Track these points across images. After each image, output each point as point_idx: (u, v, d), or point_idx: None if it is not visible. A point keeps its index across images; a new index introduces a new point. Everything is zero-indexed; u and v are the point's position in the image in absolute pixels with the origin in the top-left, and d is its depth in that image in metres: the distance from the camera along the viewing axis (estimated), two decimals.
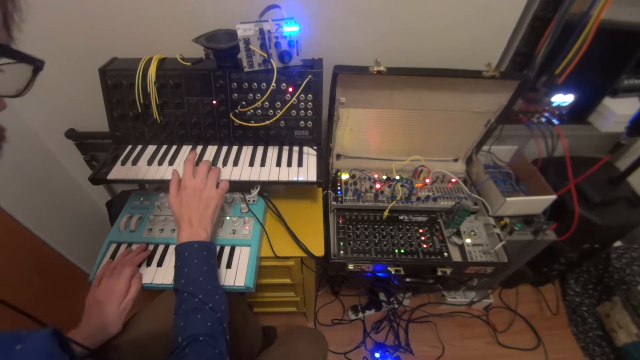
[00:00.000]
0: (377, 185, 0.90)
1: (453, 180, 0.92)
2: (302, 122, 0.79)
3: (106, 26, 0.78)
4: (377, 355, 1.17)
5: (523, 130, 0.95)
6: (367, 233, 0.85)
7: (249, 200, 0.79)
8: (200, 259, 0.59)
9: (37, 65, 0.31)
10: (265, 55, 0.68)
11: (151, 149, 0.79)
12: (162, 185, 0.90)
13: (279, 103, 0.76)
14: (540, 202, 0.91)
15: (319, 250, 0.75)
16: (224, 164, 0.76)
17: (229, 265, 0.71)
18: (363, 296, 1.34)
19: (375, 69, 0.71)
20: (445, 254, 0.81)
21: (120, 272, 0.65)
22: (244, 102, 0.76)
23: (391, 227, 0.86)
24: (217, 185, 0.68)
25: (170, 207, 0.65)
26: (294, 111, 0.78)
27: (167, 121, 0.78)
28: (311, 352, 0.72)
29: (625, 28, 0.82)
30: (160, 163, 0.76)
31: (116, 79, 0.73)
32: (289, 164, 0.77)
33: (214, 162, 0.77)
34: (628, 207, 1.02)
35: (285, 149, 0.81)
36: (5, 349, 0.26)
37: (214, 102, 0.76)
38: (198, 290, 0.55)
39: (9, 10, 0.28)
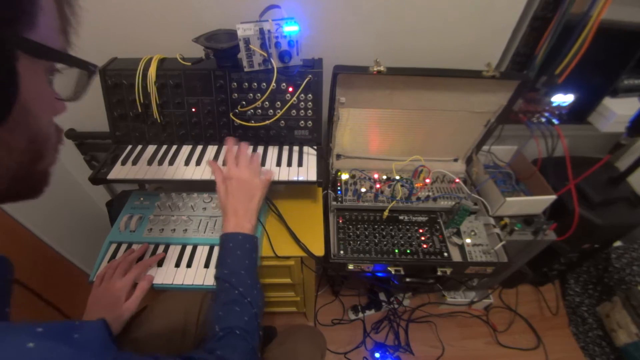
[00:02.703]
0: (377, 185, 0.90)
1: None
2: (302, 122, 0.79)
3: (106, 26, 0.78)
4: (377, 355, 1.17)
5: (523, 130, 0.95)
6: (367, 233, 0.85)
7: None
8: (244, 252, 0.61)
9: (91, 70, 0.32)
10: (265, 55, 0.68)
11: (151, 149, 0.79)
12: (162, 185, 0.90)
13: (279, 103, 0.76)
14: (540, 202, 0.91)
15: (319, 250, 0.75)
16: (224, 164, 0.76)
17: None
18: (363, 296, 1.34)
19: (375, 69, 0.71)
20: (445, 254, 0.81)
21: (122, 272, 0.65)
22: (244, 102, 0.76)
23: (391, 227, 0.86)
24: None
25: (218, 196, 0.68)
26: (294, 111, 0.78)
27: (167, 121, 0.78)
28: (310, 350, 0.72)
29: (625, 28, 0.82)
30: (160, 163, 0.76)
31: (116, 79, 0.73)
32: (289, 164, 0.77)
33: None
34: (628, 207, 1.02)
35: (285, 148, 0.81)
36: (64, 337, 0.27)
37: (214, 102, 0.76)
38: (239, 283, 0.57)
39: (66, 14, 0.28)
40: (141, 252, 0.70)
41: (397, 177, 0.92)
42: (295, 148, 0.82)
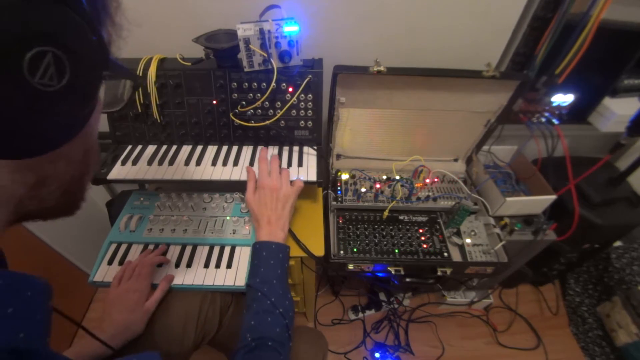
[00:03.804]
0: (377, 185, 0.90)
1: (435, 179, 0.92)
2: (302, 122, 0.79)
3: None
4: (377, 355, 1.17)
5: (523, 130, 0.95)
6: (367, 233, 0.85)
7: None
8: (277, 261, 0.61)
9: (137, 83, 0.33)
10: (265, 55, 0.68)
11: (151, 149, 0.79)
12: (162, 185, 0.90)
13: (279, 103, 0.76)
14: (540, 202, 0.91)
15: (319, 250, 0.75)
16: (224, 164, 0.76)
17: (229, 265, 0.71)
18: (363, 296, 1.34)
19: (375, 69, 0.71)
20: (445, 254, 0.81)
21: (141, 272, 0.65)
22: (244, 102, 0.76)
23: (391, 227, 0.86)
24: (292, 183, 0.71)
25: (248, 205, 0.69)
26: (294, 111, 0.78)
27: (167, 121, 0.78)
28: (311, 352, 0.72)
29: (625, 28, 0.82)
30: (160, 163, 0.76)
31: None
32: (289, 164, 0.77)
33: (214, 162, 0.77)
34: (628, 207, 1.02)
35: (285, 148, 0.81)
36: None
37: (214, 102, 0.76)
38: (271, 292, 0.57)
39: (114, 24, 0.28)
40: (158, 253, 0.70)
41: (397, 177, 0.92)
42: (295, 148, 0.82)
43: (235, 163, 0.77)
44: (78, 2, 0.22)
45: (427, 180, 0.91)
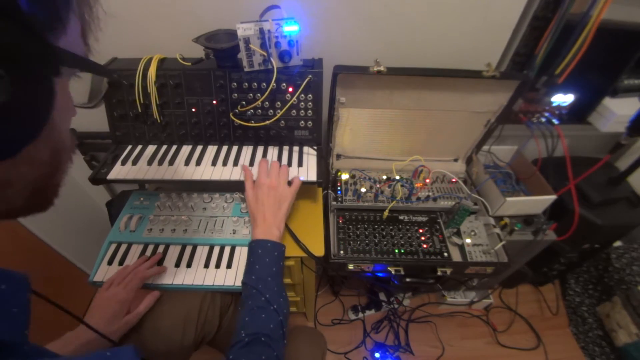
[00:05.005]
0: (377, 185, 0.90)
1: (453, 179, 0.92)
2: (302, 122, 0.79)
3: (106, 26, 0.78)
4: (377, 355, 1.17)
5: (523, 130, 0.95)
6: (367, 233, 0.85)
7: None
8: (272, 259, 0.62)
9: (113, 78, 0.32)
10: (265, 55, 0.68)
11: (151, 149, 0.79)
12: (162, 185, 0.90)
13: (279, 103, 0.76)
14: (540, 202, 0.91)
15: (319, 250, 0.75)
16: (224, 163, 0.76)
17: (229, 265, 0.71)
18: (363, 296, 1.34)
19: (375, 69, 0.71)
20: (445, 254, 0.81)
21: (130, 282, 0.64)
22: (244, 102, 0.76)
23: (391, 227, 0.86)
24: (290, 183, 0.72)
25: (247, 203, 0.71)
26: (294, 111, 0.78)
27: (167, 121, 0.78)
28: (310, 351, 0.72)
29: (625, 28, 0.82)
30: (160, 163, 0.76)
31: (116, 79, 0.73)
32: (289, 164, 0.77)
33: (214, 162, 0.77)
34: (628, 207, 1.02)
35: (285, 148, 0.81)
36: None
37: (214, 102, 0.76)
38: (266, 289, 0.57)
39: (86, 19, 0.27)
40: (153, 264, 0.69)
41: (397, 177, 0.92)
42: (295, 148, 0.82)
43: (235, 163, 0.77)
44: (21, 13, 0.20)
45: (427, 180, 0.91)
